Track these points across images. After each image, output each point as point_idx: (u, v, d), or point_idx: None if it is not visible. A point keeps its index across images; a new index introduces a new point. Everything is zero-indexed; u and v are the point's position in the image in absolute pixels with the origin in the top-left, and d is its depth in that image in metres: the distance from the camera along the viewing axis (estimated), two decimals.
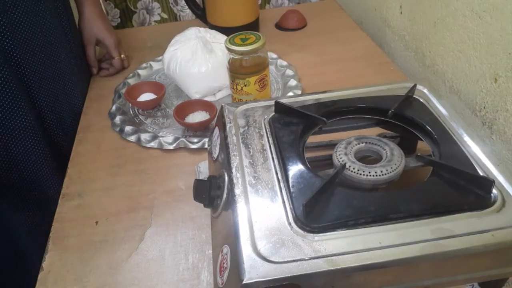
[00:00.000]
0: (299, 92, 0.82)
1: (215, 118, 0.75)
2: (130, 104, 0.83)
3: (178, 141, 0.72)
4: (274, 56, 0.94)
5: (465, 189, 0.42)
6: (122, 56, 0.95)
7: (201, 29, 0.85)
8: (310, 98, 0.57)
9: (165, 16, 1.28)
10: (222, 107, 0.57)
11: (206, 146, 0.71)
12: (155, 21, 1.28)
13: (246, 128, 0.52)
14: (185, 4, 1.08)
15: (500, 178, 0.43)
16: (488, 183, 0.41)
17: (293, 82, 0.85)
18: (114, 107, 0.82)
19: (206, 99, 0.82)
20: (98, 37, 0.91)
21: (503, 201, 0.41)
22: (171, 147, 0.72)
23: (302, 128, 0.51)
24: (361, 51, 0.96)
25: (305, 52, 0.99)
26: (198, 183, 0.49)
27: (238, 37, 0.70)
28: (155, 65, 0.96)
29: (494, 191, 0.41)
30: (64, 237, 0.60)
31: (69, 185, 0.68)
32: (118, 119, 0.79)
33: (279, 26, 1.11)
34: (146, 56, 0.98)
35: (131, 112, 0.82)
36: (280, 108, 0.54)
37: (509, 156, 0.63)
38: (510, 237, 0.38)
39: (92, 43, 0.91)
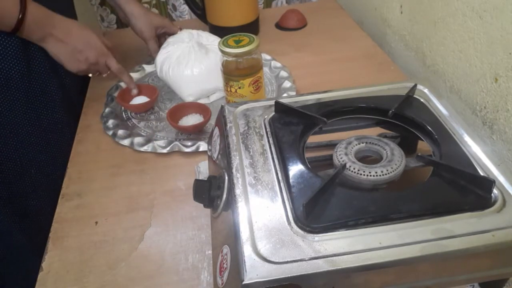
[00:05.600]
0: (293, 93, 0.82)
1: (209, 121, 0.75)
2: (122, 108, 0.83)
3: (172, 145, 0.71)
4: (268, 57, 0.93)
5: (465, 189, 0.42)
6: (179, 27, 0.95)
7: (194, 31, 0.85)
8: (310, 98, 0.57)
9: None
10: (222, 107, 0.57)
11: (200, 149, 0.71)
12: None
13: (246, 128, 0.52)
14: (184, 11, 1.08)
15: (500, 178, 0.43)
16: (488, 183, 0.41)
17: (287, 84, 0.85)
18: (106, 111, 0.81)
19: (200, 101, 0.82)
20: (158, 25, 0.92)
21: (503, 201, 0.41)
22: (164, 151, 0.71)
23: (302, 128, 0.51)
24: (361, 51, 0.96)
25: (305, 52, 0.99)
26: (198, 183, 0.48)
27: (232, 39, 0.69)
28: (148, 68, 0.95)
29: (495, 191, 0.41)
30: (63, 237, 0.60)
31: (68, 185, 0.68)
32: (110, 122, 0.78)
33: (279, 26, 1.11)
34: (146, 56, 0.97)
35: (124, 116, 0.82)
36: (280, 108, 0.54)
37: (510, 156, 0.62)
38: (510, 237, 0.38)
39: (154, 36, 0.92)
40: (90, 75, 0.88)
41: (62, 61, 0.75)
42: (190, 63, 0.80)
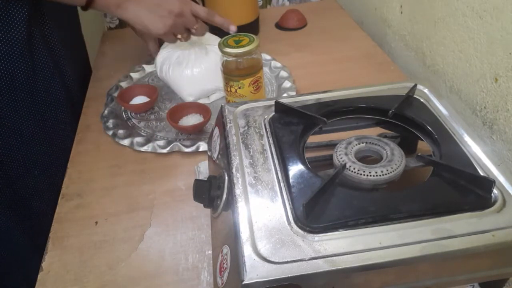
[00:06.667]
0: (293, 93, 0.82)
1: (209, 121, 0.75)
2: (122, 108, 0.83)
3: (172, 145, 0.71)
4: (268, 57, 0.93)
5: (465, 189, 0.42)
6: None
7: None
8: (310, 98, 0.57)
9: None
10: (222, 107, 0.57)
11: (200, 149, 0.71)
12: None
13: (246, 128, 0.52)
14: None
15: (500, 178, 0.43)
16: (488, 183, 0.41)
17: (287, 84, 0.85)
18: (106, 111, 0.81)
19: (200, 101, 0.82)
20: None
21: (503, 201, 0.41)
22: (164, 151, 0.71)
23: (302, 128, 0.51)
24: (361, 51, 0.96)
25: (305, 52, 0.99)
26: (198, 183, 0.48)
27: (232, 39, 0.69)
28: (148, 68, 0.95)
29: (495, 191, 0.41)
30: (63, 237, 0.60)
31: (68, 185, 0.68)
32: (110, 122, 0.78)
33: (279, 26, 1.11)
34: (144, 57, 0.97)
35: (124, 116, 0.82)
36: (280, 108, 0.54)
37: (510, 156, 0.62)
38: (510, 237, 0.38)
39: (152, 36, 0.89)
40: (179, 37, 0.77)
41: (146, 23, 0.71)
42: (190, 63, 0.80)
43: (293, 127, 0.51)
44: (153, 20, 0.71)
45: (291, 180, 0.44)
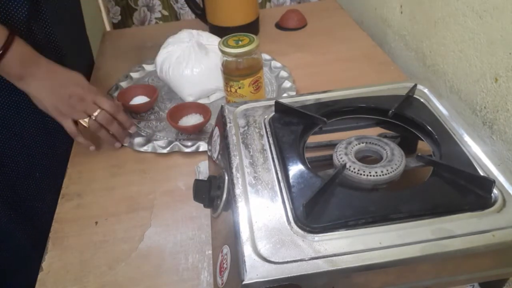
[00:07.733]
0: (293, 93, 0.82)
1: (209, 121, 0.75)
2: (122, 108, 0.82)
3: (172, 145, 0.71)
4: (268, 57, 0.93)
5: (465, 189, 0.42)
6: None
7: (194, 31, 0.85)
8: (310, 98, 0.57)
9: (165, 13, 1.29)
10: (222, 107, 0.57)
11: (200, 149, 0.71)
12: (155, 18, 1.28)
13: (246, 128, 0.52)
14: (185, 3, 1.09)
15: (500, 178, 0.43)
16: (488, 183, 0.41)
17: (287, 84, 0.85)
18: None
19: (200, 101, 0.82)
20: None
21: (503, 201, 0.41)
22: (164, 151, 0.71)
23: (302, 128, 0.51)
24: (361, 51, 0.96)
25: (305, 52, 0.99)
26: (198, 183, 0.48)
27: (232, 39, 0.69)
28: (148, 68, 0.95)
29: (495, 191, 0.41)
30: (63, 237, 0.60)
31: (68, 185, 0.68)
32: None
33: (279, 26, 1.11)
34: (147, 56, 0.97)
35: None
36: (280, 108, 0.54)
37: (510, 156, 0.62)
38: (510, 237, 0.38)
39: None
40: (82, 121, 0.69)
41: (42, 96, 0.65)
42: (190, 63, 0.80)
43: (293, 127, 0.51)
44: (50, 95, 0.65)
45: (291, 180, 0.44)
